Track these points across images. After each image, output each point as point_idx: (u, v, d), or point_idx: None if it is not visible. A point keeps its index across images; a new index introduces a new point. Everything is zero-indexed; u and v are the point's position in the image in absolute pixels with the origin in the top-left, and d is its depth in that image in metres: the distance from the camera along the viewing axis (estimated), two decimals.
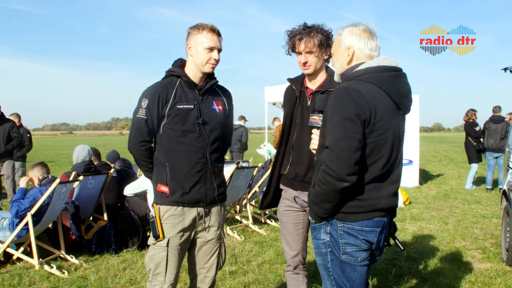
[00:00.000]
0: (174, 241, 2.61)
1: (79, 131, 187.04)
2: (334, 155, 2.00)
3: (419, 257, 4.92)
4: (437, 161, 19.81)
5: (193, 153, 2.61)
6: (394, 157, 2.15)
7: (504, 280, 4.19)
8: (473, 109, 10.69)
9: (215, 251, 2.77)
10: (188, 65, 2.66)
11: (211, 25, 2.58)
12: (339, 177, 1.99)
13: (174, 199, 2.60)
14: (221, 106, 2.75)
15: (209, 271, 2.78)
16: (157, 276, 2.62)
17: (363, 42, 2.21)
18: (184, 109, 2.58)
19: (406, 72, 2.24)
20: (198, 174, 2.63)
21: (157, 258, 2.61)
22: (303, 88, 2.84)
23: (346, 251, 2.15)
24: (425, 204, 8.53)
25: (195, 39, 2.58)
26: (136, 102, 2.64)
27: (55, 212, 4.79)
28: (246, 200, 6.60)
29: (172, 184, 2.60)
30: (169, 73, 2.68)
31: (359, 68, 2.17)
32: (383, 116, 2.07)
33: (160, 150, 2.63)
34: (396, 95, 2.14)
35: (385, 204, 2.15)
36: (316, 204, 2.14)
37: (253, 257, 4.98)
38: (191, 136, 2.60)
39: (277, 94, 11.67)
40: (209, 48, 2.57)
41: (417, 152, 11.11)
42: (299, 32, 2.69)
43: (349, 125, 2.00)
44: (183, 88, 2.62)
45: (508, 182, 5.05)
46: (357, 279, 2.19)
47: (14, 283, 4.13)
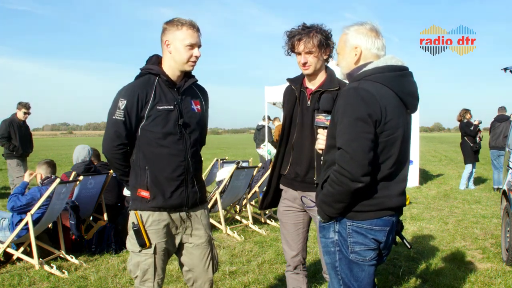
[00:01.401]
0: (160, 246, 2.52)
1: (79, 131, 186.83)
2: (348, 156, 1.99)
3: (419, 257, 4.92)
4: (437, 161, 19.81)
5: (174, 156, 2.49)
6: (402, 156, 2.16)
7: (504, 280, 4.19)
8: (466, 109, 10.64)
9: (208, 254, 2.68)
10: (166, 62, 2.51)
11: (190, 20, 2.45)
12: (354, 177, 1.99)
13: (155, 204, 2.48)
14: (199, 106, 2.63)
15: (207, 275, 2.70)
16: (145, 282, 2.53)
17: (371, 41, 2.20)
18: (164, 110, 2.45)
19: (411, 71, 2.25)
20: (180, 178, 2.51)
21: (144, 265, 2.51)
22: (302, 88, 2.84)
23: (355, 250, 2.15)
24: (425, 204, 8.53)
25: (174, 35, 2.43)
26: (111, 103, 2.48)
27: (55, 212, 4.79)
28: (246, 200, 6.60)
29: (153, 188, 2.47)
30: (146, 71, 2.52)
31: (366, 68, 2.17)
32: (393, 115, 2.08)
33: (139, 153, 2.49)
34: (404, 94, 2.15)
35: (395, 203, 2.15)
36: (328, 204, 2.12)
37: (253, 257, 4.98)
38: (172, 139, 2.48)
39: (277, 94, 11.67)
40: (190, 45, 2.44)
41: (417, 152, 11.11)
42: (298, 33, 2.69)
43: (361, 126, 2.00)
44: (162, 88, 2.48)
45: (508, 182, 5.05)
46: (364, 279, 2.18)
47: (14, 283, 4.13)
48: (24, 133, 8.35)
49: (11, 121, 8.20)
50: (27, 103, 8.35)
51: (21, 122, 8.29)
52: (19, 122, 8.27)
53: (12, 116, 8.30)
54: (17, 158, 8.18)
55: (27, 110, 8.33)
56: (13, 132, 8.12)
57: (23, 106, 8.28)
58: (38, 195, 4.51)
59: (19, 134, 8.18)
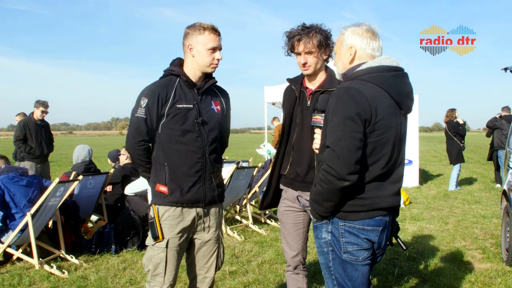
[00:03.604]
0: (173, 242, 2.60)
1: (79, 131, 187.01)
2: (334, 154, 2.01)
3: (419, 257, 4.92)
4: (437, 161, 19.81)
5: (192, 152, 2.59)
6: (395, 156, 2.16)
7: (504, 280, 4.19)
8: (452, 108, 10.58)
9: (214, 252, 2.77)
10: (188, 65, 2.65)
11: (212, 25, 2.58)
12: (340, 176, 2.00)
13: (173, 199, 2.58)
14: (219, 106, 2.74)
15: (208, 272, 2.78)
16: (156, 277, 2.61)
17: (365, 42, 2.21)
18: (183, 109, 2.57)
19: (407, 72, 2.25)
20: (197, 174, 2.61)
21: (156, 259, 2.60)
22: (302, 88, 2.84)
23: (347, 250, 2.16)
24: (425, 204, 8.53)
25: (196, 39, 2.57)
26: (135, 102, 2.62)
27: (49, 210, 4.76)
28: (246, 200, 6.60)
29: (171, 184, 2.58)
30: (168, 72, 2.66)
31: (360, 68, 2.18)
32: (384, 115, 2.08)
33: (159, 149, 2.61)
34: (397, 95, 2.15)
35: (387, 203, 2.15)
36: (317, 203, 2.14)
37: (253, 257, 4.98)
38: (191, 136, 2.59)
39: (277, 94, 11.68)
40: (212, 48, 2.57)
41: (417, 152, 11.11)
42: (298, 33, 2.69)
43: (349, 125, 2.01)
44: (182, 88, 2.61)
45: (508, 182, 5.05)
46: (358, 278, 2.19)
47: (14, 283, 4.13)
48: (41, 133, 7.85)
49: (26, 122, 7.76)
50: (45, 101, 7.90)
51: (38, 121, 7.82)
52: (36, 122, 7.80)
53: (29, 116, 7.89)
54: (33, 160, 7.76)
55: (45, 108, 7.87)
56: (28, 133, 7.68)
57: (41, 105, 7.83)
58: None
59: (35, 135, 7.72)
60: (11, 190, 4.52)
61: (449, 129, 10.45)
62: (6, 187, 4.50)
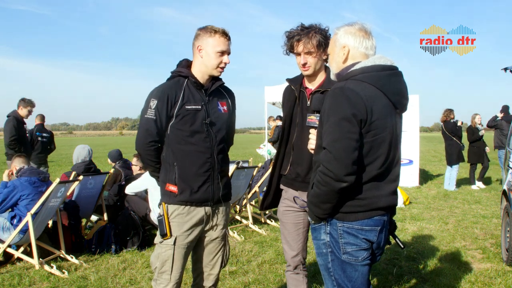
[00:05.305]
0: (180, 240, 2.63)
1: (79, 131, 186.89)
2: (331, 156, 2.00)
3: (419, 257, 4.92)
4: (437, 161, 19.80)
5: (201, 153, 2.64)
6: (392, 156, 2.15)
7: (504, 280, 4.19)
8: (449, 109, 10.57)
9: (220, 249, 2.82)
10: (196, 66, 2.67)
11: (223, 29, 2.62)
12: (337, 177, 2.00)
13: (182, 198, 2.63)
14: (225, 107, 2.78)
15: (214, 269, 2.83)
16: (162, 274, 2.64)
17: (358, 40, 2.20)
18: (192, 110, 2.61)
19: (407, 72, 2.25)
20: (206, 174, 2.66)
21: (163, 256, 2.63)
22: (302, 88, 2.84)
23: (347, 251, 2.15)
24: (425, 204, 8.53)
25: (207, 42, 2.60)
26: (144, 103, 2.65)
27: (50, 210, 4.77)
28: (246, 200, 6.60)
29: (180, 183, 2.62)
30: (176, 74, 2.69)
31: (354, 67, 2.17)
32: (380, 115, 2.07)
33: (168, 150, 2.64)
34: (392, 94, 2.14)
35: (385, 203, 2.15)
36: (315, 205, 2.14)
37: (253, 257, 4.98)
38: (199, 137, 2.63)
39: (277, 94, 11.68)
40: (221, 52, 2.60)
41: (417, 152, 11.10)
42: (297, 33, 2.68)
43: (345, 125, 2.00)
44: (190, 89, 2.64)
45: (508, 182, 5.05)
46: (358, 279, 2.19)
47: (14, 283, 4.13)
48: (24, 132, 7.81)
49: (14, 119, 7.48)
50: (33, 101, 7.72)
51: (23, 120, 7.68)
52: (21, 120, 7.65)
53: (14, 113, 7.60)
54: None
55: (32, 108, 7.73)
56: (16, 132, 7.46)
57: (28, 104, 7.64)
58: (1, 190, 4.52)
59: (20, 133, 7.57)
60: (26, 192, 4.54)
61: (446, 129, 10.45)
62: (23, 189, 4.52)
